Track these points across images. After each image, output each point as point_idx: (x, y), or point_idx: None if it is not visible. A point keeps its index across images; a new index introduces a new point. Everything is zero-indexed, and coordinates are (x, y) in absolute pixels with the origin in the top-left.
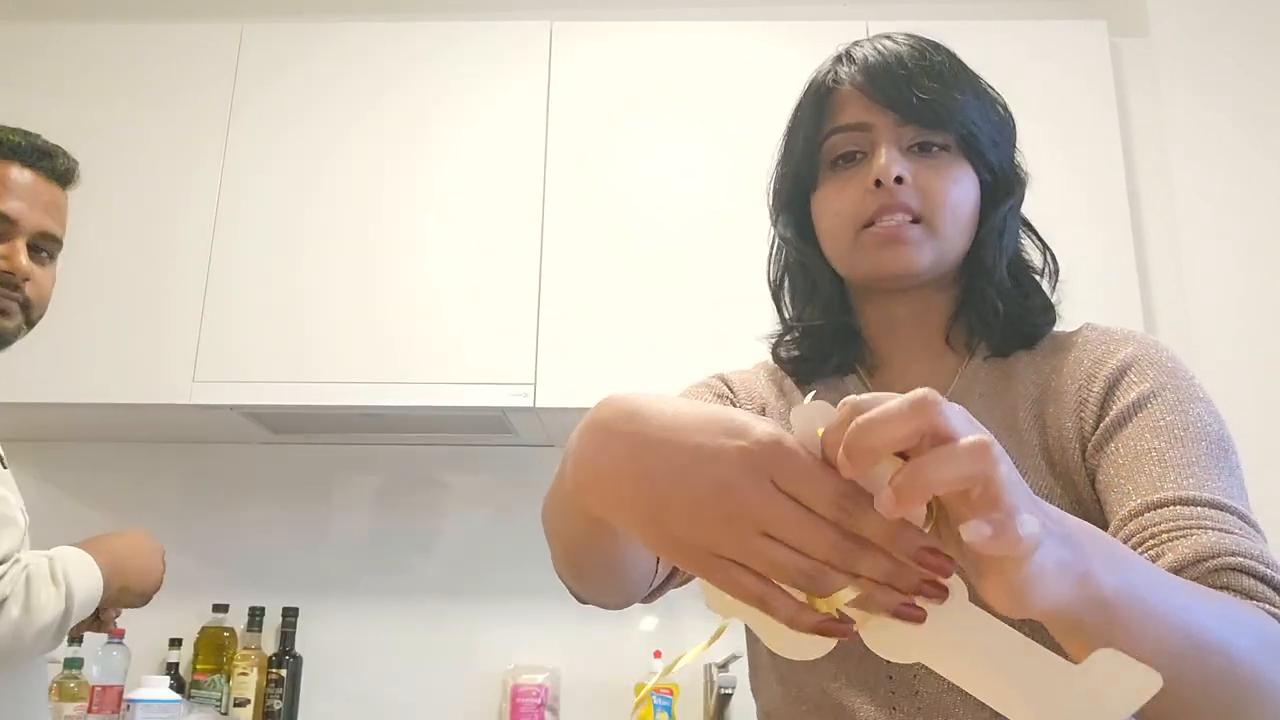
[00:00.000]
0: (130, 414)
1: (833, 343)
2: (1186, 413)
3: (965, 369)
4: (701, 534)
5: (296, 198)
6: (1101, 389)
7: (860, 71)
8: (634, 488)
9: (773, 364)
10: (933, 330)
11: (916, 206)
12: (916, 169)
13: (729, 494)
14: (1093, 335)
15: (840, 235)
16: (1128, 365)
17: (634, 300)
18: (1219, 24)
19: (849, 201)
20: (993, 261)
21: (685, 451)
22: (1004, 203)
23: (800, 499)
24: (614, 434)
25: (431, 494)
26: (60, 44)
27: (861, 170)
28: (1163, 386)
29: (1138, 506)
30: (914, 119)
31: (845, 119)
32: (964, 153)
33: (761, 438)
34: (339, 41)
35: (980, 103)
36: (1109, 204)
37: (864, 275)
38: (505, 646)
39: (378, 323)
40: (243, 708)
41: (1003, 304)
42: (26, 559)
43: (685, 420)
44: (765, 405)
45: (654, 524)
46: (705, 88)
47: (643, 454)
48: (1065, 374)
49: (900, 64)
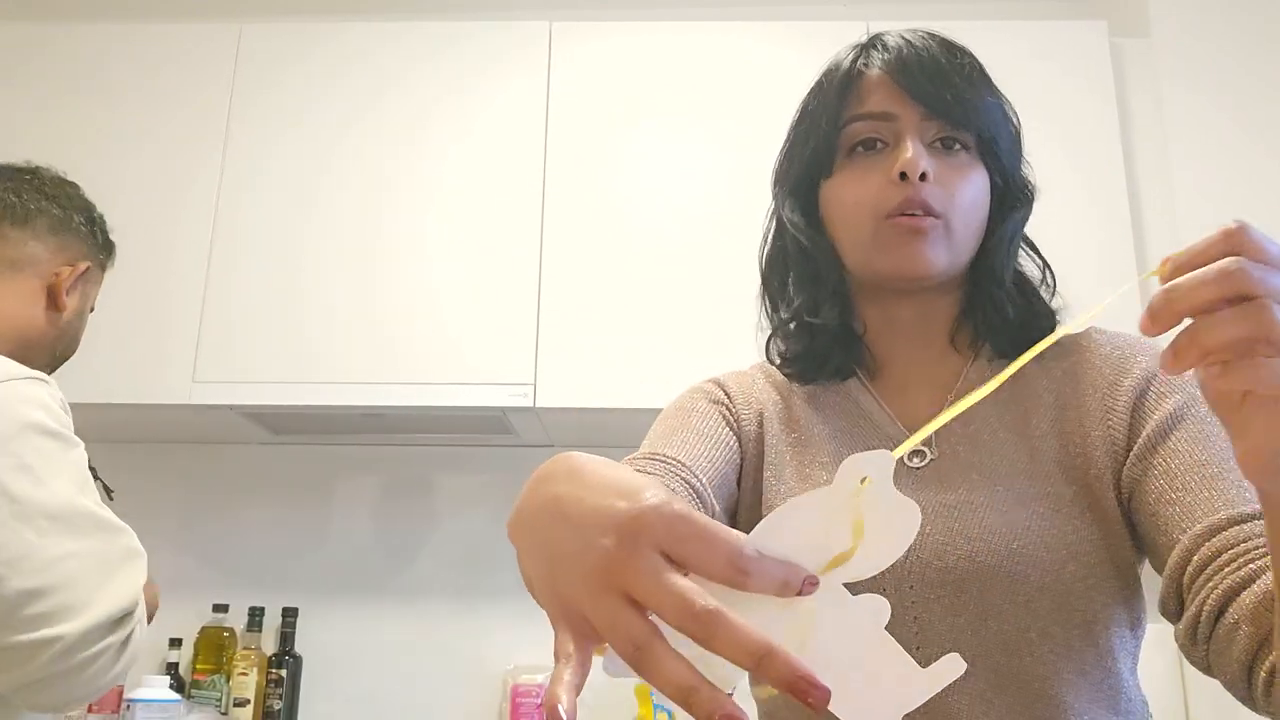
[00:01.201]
0: (130, 414)
1: (832, 344)
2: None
3: (970, 370)
4: (577, 592)
5: (296, 198)
6: (1129, 399)
7: (894, 60)
8: (537, 537)
9: (768, 365)
10: (935, 333)
11: (938, 205)
12: (939, 166)
13: (601, 552)
14: (1103, 340)
15: (858, 225)
16: (1150, 377)
17: (634, 300)
18: (1219, 24)
19: (870, 191)
20: (1000, 268)
21: (583, 513)
22: (1016, 211)
23: (690, 563)
24: (541, 484)
25: (432, 494)
26: (60, 44)
27: (884, 160)
28: (1193, 398)
29: (1220, 521)
30: (941, 114)
31: (871, 106)
32: (981, 155)
33: (648, 501)
34: (339, 41)
35: (1001, 110)
36: (1109, 204)
37: (880, 270)
38: (505, 646)
39: (378, 323)
40: (243, 708)
41: (1009, 308)
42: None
43: (594, 481)
44: (763, 410)
45: (545, 579)
46: (705, 88)
47: (553, 508)
48: (1084, 381)
49: (932, 58)
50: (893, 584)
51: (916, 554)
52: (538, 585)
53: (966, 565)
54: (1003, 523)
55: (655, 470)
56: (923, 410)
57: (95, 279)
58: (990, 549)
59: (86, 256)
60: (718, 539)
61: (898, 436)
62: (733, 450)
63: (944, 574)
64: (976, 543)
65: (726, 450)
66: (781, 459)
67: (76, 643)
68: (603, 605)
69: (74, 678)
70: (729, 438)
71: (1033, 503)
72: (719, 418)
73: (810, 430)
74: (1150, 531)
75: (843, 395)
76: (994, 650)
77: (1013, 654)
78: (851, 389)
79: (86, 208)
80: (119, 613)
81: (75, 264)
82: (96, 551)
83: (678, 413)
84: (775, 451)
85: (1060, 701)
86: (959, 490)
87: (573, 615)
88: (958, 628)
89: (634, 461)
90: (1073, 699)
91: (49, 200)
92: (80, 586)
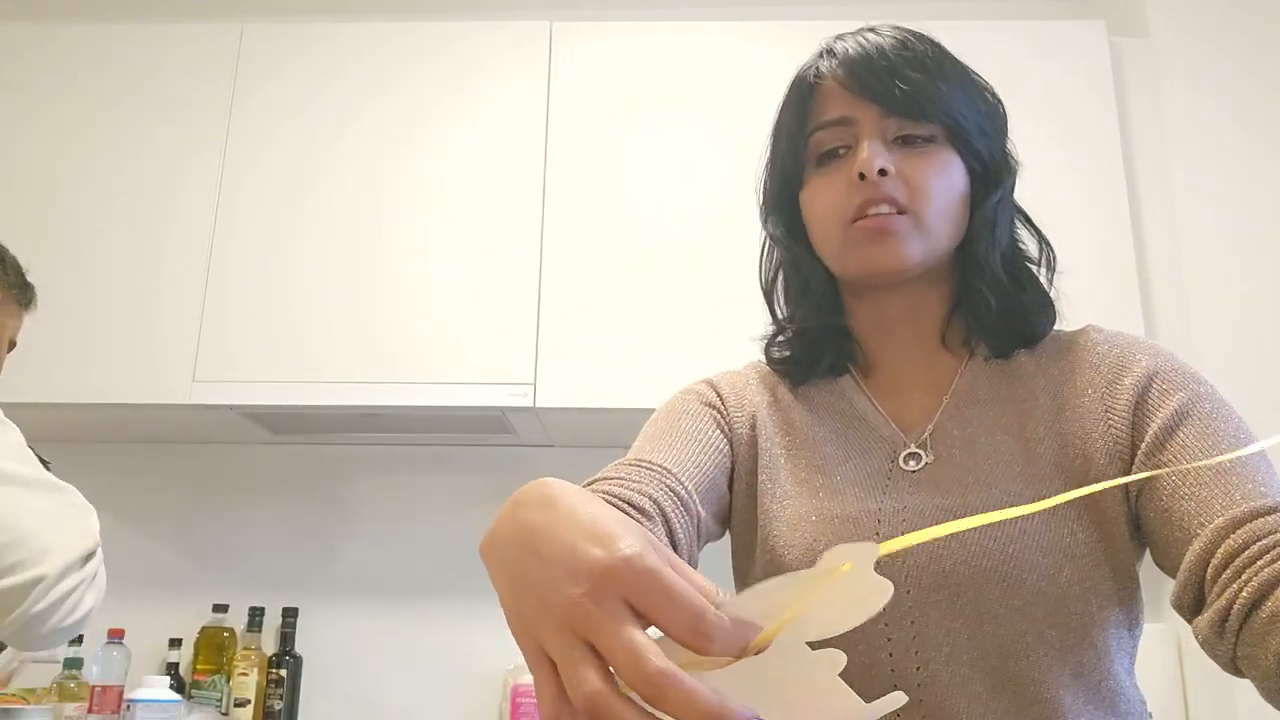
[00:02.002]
0: (130, 414)
1: (825, 343)
2: (1229, 420)
3: (965, 370)
4: (539, 627)
5: (296, 197)
6: (1130, 397)
7: (841, 65)
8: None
9: (765, 365)
10: (927, 329)
11: (901, 198)
12: (901, 161)
13: (567, 596)
14: (1100, 339)
15: (829, 232)
16: (1153, 374)
17: (634, 300)
18: (1219, 24)
19: (834, 196)
20: (985, 254)
21: (556, 551)
22: (994, 192)
23: (655, 620)
24: (518, 509)
25: (432, 494)
26: (60, 44)
27: (846, 165)
28: (1196, 395)
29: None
30: (896, 111)
31: (828, 115)
32: (951, 143)
33: (620, 551)
34: (338, 41)
35: (966, 92)
36: (1109, 204)
37: (855, 271)
38: (505, 646)
39: (377, 323)
40: (243, 708)
41: (996, 299)
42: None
43: (571, 519)
44: (756, 412)
45: (512, 608)
46: (705, 88)
47: (527, 538)
48: (1081, 381)
49: (881, 55)
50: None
51: (914, 558)
52: (506, 610)
53: (963, 569)
54: (998, 527)
55: (640, 478)
56: (915, 412)
57: (12, 314)
58: (986, 552)
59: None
60: (682, 600)
61: (892, 438)
62: (723, 454)
63: (940, 578)
64: (972, 547)
65: (716, 454)
66: (776, 462)
67: (56, 578)
68: (565, 649)
69: (56, 611)
70: (720, 441)
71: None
72: (710, 420)
73: (806, 432)
74: (1162, 528)
75: (837, 395)
76: (991, 653)
77: (1009, 657)
78: (845, 388)
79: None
80: (85, 552)
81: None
82: (52, 506)
83: (668, 415)
84: (769, 455)
85: (1057, 704)
86: (955, 494)
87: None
88: (954, 631)
89: (621, 467)
90: (1070, 701)
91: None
92: (47, 534)
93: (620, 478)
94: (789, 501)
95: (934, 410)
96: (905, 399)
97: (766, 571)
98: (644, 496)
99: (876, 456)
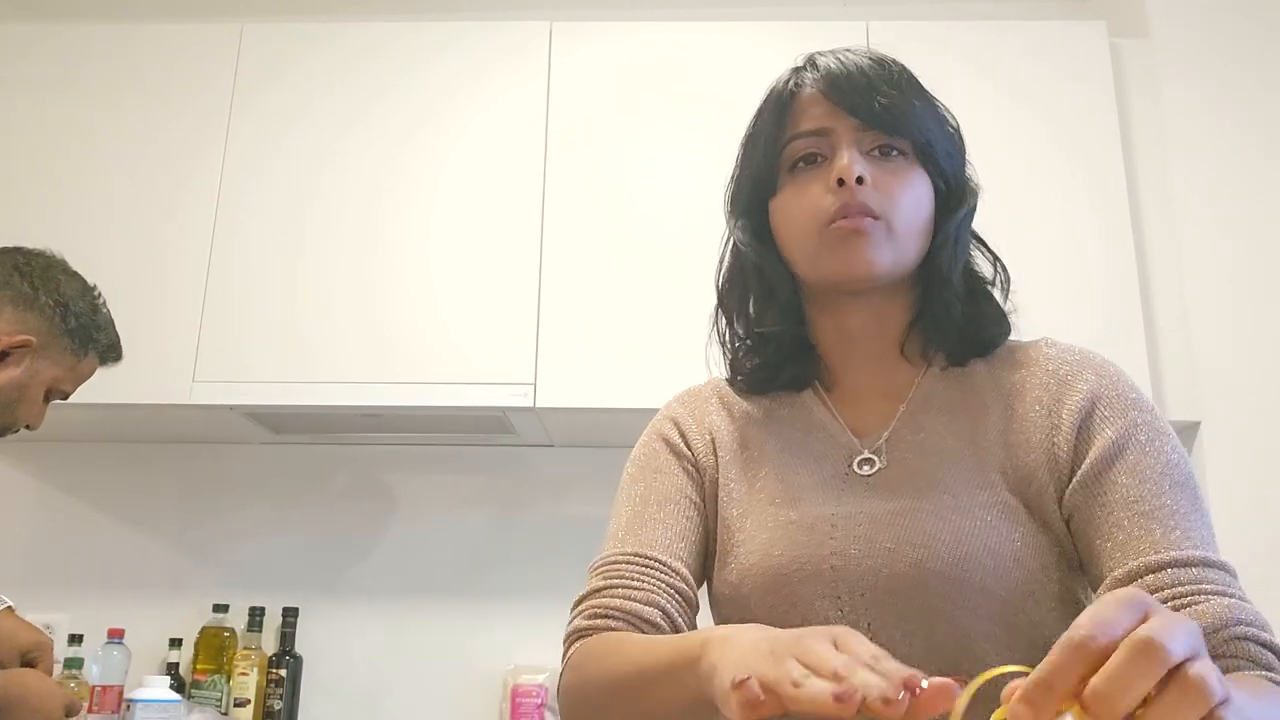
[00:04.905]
0: (130, 414)
1: (787, 355)
2: (1160, 454)
3: (922, 380)
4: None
5: (296, 197)
6: (1074, 419)
7: (823, 78)
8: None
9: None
10: (888, 341)
11: (877, 207)
12: (876, 172)
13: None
14: (1053, 354)
15: (804, 236)
16: (1095, 399)
17: (634, 300)
18: (1219, 24)
19: (811, 201)
20: (948, 268)
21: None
22: (957, 211)
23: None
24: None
25: (431, 494)
26: (60, 44)
27: (823, 172)
28: (1134, 425)
29: (1139, 567)
30: (875, 124)
31: (808, 123)
32: (920, 160)
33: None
34: (339, 41)
35: (935, 114)
36: (1109, 204)
37: (827, 274)
38: (505, 646)
39: (378, 323)
40: (243, 708)
41: (957, 311)
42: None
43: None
44: (714, 436)
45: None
46: (705, 88)
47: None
48: (1029, 396)
49: (861, 72)
50: (846, 591)
51: (868, 562)
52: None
53: (914, 572)
54: (947, 529)
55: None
56: (872, 419)
57: (54, 361)
58: (935, 555)
59: (39, 334)
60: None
61: (848, 445)
62: (698, 508)
63: (893, 580)
64: (922, 549)
65: (694, 511)
66: (735, 476)
67: None
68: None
69: None
70: (692, 492)
71: (978, 510)
72: (680, 472)
73: (762, 446)
74: (1088, 559)
75: (797, 408)
76: (945, 654)
77: (963, 658)
78: (806, 400)
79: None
80: None
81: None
82: None
83: (643, 474)
84: (727, 475)
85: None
86: (907, 498)
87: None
88: (909, 633)
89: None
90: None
91: (22, 277)
92: None
93: (625, 586)
94: (748, 511)
95: (891, 418)
96: (863, 408)
97: (728, 580)
98: (653, 608)
99: (832, 462)
